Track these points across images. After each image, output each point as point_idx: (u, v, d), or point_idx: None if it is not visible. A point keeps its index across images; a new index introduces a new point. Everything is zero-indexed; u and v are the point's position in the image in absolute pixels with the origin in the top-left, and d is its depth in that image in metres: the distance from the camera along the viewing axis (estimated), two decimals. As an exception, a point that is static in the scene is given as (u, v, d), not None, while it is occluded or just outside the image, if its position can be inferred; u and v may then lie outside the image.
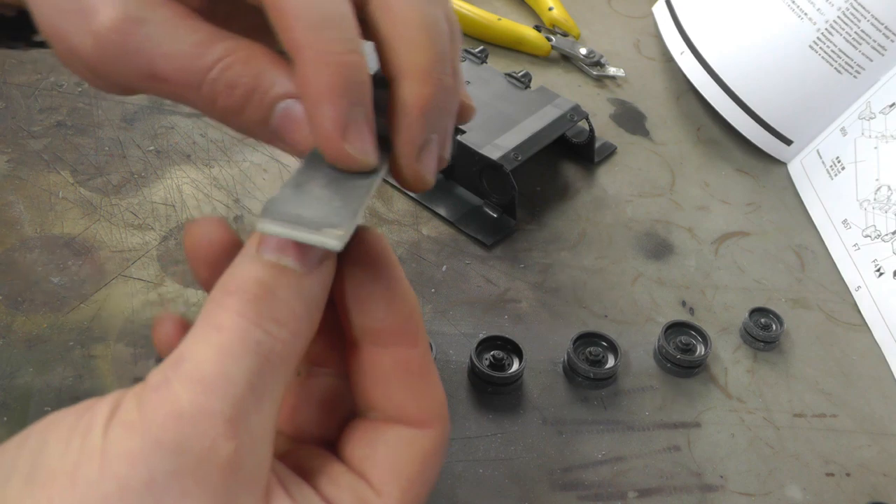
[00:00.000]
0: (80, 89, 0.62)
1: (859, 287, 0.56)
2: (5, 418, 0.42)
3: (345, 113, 0.27)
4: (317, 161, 0.29)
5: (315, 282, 0.27)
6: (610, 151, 0.65)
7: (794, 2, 0.65)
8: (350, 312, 0.29)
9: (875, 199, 0.58)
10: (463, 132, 0.58)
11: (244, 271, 0.27)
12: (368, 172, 0.28)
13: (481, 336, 0.49)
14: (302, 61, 0.27)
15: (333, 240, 0.26)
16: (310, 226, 0.26)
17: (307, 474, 0.28)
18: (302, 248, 0.27)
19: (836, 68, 0.64)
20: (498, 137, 0.57)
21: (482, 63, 0.64)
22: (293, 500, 0.26)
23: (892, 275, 0.55)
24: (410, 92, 0.29)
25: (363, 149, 0.28)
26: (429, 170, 0.30)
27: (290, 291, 0.26)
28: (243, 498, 0.25)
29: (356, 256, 0.29)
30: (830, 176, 0.62)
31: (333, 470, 0.29)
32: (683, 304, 0.55)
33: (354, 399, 0.30)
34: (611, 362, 0.49)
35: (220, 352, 0.25)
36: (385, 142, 0.30)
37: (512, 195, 0.56)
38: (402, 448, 0.29)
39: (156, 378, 0.25)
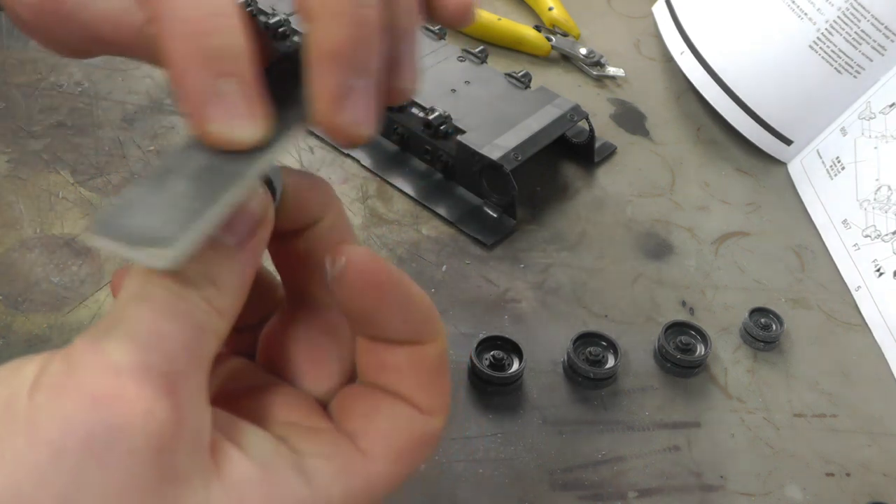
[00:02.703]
0: (79, 89, 0.62)
1: (859, 287, 0.56)
2: (5, 418, 0.42)
3: (207, 86, 0.24)
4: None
5: (245, 257, 0.26)
6: (610, 151, 0.65)
7: (794, 2, 0.65)
8: (360, 328, 0.28)
9: (875, 199, 0.58)
10: (463, 132, 0.58)
11: None
12: (257, 150, 0.25)
13: (481, 336, 0.49)
14: (159, 33, 0.24)
15: (160, 261, 0.22)
16: (138, 240, 0.23)
17: (269, 422, 0.27)
18: (230, 219, 0.25)
19: (836, 68, 0.64)
20: (498, 137, 0.57)
21: (482, 63, 0.64)
22: (243, 450, 0.25)
23: (892, 275, 0.55)
24: (316, 37, 0.25)
25: (231, 125, 0.25)
26: (356, 121, 0.26)
27: (218, 268, 0.25)
28: (185, 454, 0.23)
29: (355, 284, 0.27)
30: (830, 176, 0.62)
31: (307, 418, 0.28)
32: (683, 304, 0.55)
33: (359, 369, 0.29)
34: (611, 362, 0.49)
35: (153, 314, 0.23)
36: (296, 100, 0.27)
37: (512, 195, 0.56)
38: (402, 424, 0.28)
39: (85, 340, 0.23)
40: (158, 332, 0.23)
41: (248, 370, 0.31)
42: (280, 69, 0.27)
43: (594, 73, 0.71)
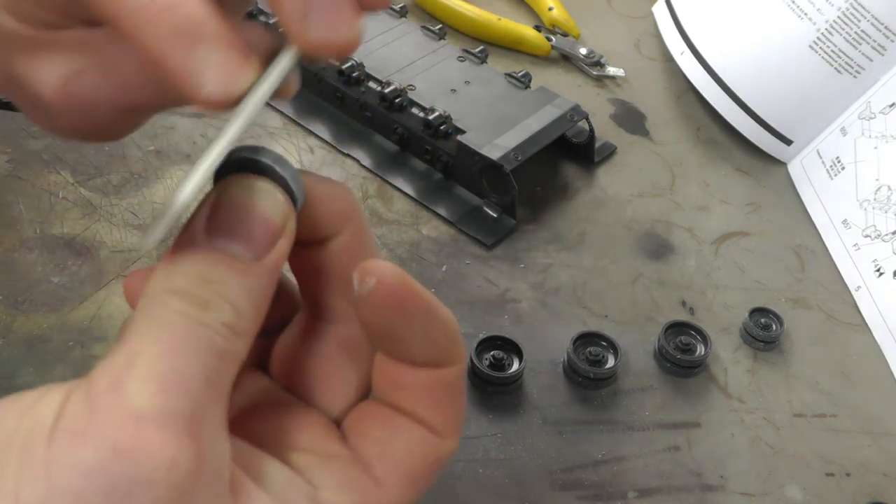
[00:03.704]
0: (80, 89, 0.62)
1: (859, 287, 0.56)
2: (5, 418, 0.42)
3: (186, 59, 0.24)
4: None
5: (264, 271, 0.25)
6: (610, 151, 0.65)
7: (794, 2, 0.65)
8: (382, 347, 0.28)
9: (875, 199, 0.58)
10: (463, 132, 0.58)
11: (187, 266, 0.25)
12: (248, 94, 0.25)
13: (481, 336, 0.49)
14: (127, 32, 0.25)
15: (171, 212, 0.24)
16: (159, 218, 0.24)
17: (284, 448, 0.27)
18: (250, 231, 0.25)
19: (836, 68, 0.64)
20: (498, 137, 0.57)
21: (482, 63, 0.64)
22: (259, 484, 0.25)
23: (892, 275, 0.55)
24: None
25: (219, 84, 0.25)
26: (329, 32, 0.25)
27: (236, 288, 0.25)
28: (206, 496, 0.23)
29: (383, 304, 0.26)
30: (830, 176, 0.62)
31: (321, 442, 0.28)
32: (683, 304, 0.55)
33: (374, 386, 0.29)
34: (611, 362, 0.49)
35: (172, 348, 0.23)
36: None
37: (512, 195, 0.56)
38: (417, 450, 0.28)
39: (105, 379, 0.23)
40: (179, 369, 0.23)
41: (262, 386, 0.30)
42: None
43: (594, 73, 0.71)
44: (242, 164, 0.27)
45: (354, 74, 0.61)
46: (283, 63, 0.26)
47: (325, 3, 0.25)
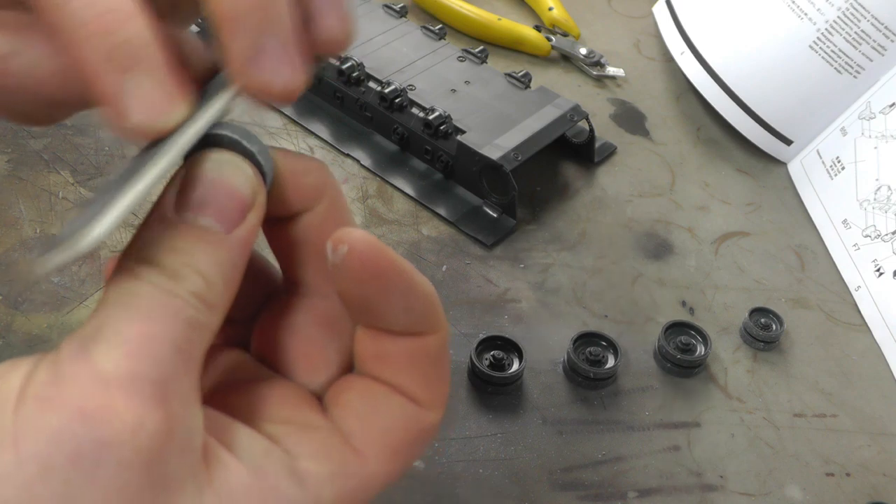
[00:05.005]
0: (80, 89, 0.62)
1: (859, 287, 0.56)
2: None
3: (117, 84, 0.24)
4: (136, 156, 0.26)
5: (235, 244, 0.25)
6: (610, 151, 0.65)
7: (794, 2, 0.65)
8: (360, 317, 0.28)
9: (875, 199, 0.58)
10: (463, 132, 0.58)
11: (156, 238, 0.24)
12: (183, 127, 0.25)
13: (481, 336, 0.49)
14: (64, 45, 0.24)
15: (79, 246, 0.22)
16: (62, 243, 0.22)
17: (261, 420, 0.27)
18: (219, 204, 0.25)
19: (836, 68, 0.64)
20: (498, 137, 0.57)
21: (482, 63, 0.64)
22: (234, 453, 0.25)
23: (892, 275, 0.55)
24: (214, 3, 0.24)
25: (148, 115, 0.24)
26: (275, 78, 0.25)
27: (206, 260, 0.24)
28: (177, 462, 0.23)
29: (356, 271, 0.26)
30: (830, 176, 0.62)
31: (301, 414, 0.27)
32: (683, 304, 0.55)
33: (356, 359, 0.29)
34: (611, 362, 0.49)
35: (140, 316, 0.23)
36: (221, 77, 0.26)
37: (512, 195, 0.56)
38: (399, 421, 0.28)
39: (72, 347, 0.23)
40: (147, 335, 0.23)
41: (242, 363, 0.30)
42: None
43: (594, 73, 0.71)
44: (210, 140, 0.26)
45: (354, 74, 0.61)
46: (221, 102, 0.26)
47: (274, 48, 0.25)
